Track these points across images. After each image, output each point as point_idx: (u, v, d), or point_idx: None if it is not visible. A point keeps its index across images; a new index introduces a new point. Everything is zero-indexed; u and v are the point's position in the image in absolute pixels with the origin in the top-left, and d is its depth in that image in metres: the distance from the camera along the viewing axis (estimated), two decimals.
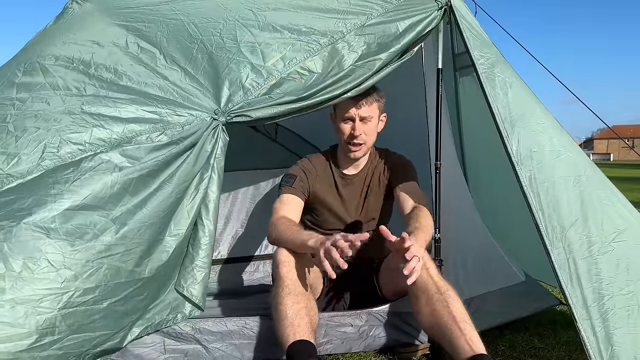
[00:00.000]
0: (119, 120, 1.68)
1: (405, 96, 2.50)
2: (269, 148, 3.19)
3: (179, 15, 1.98)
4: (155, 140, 1.66)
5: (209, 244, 1.76)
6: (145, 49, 1.89)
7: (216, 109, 1.75)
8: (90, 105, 1.72)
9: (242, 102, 1.75)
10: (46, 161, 1.58)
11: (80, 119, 1.68)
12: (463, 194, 2.34)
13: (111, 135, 1.65)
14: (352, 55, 1.84)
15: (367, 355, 1.99)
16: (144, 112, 1.71)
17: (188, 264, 1.74)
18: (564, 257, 1.60)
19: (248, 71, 1.80)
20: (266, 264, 3.10)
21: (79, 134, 1.64)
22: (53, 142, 1.62)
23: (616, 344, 1.51)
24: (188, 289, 1.72)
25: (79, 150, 1.62)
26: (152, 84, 1.79)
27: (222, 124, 1.75)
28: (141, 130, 1.67)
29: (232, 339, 1.82)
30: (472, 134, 2.84)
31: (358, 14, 1.91)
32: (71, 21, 2.13)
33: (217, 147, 1.77)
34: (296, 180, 2.09)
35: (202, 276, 1.73)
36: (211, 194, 1.76)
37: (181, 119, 1.71)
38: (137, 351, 1.71)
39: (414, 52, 1.94)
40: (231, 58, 1.83)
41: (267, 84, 1.77)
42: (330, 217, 2.16)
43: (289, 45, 1.84)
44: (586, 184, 1.73)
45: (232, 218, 3.08)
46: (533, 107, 1.84)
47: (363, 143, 2.05)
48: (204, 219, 1.76)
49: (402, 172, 2.12)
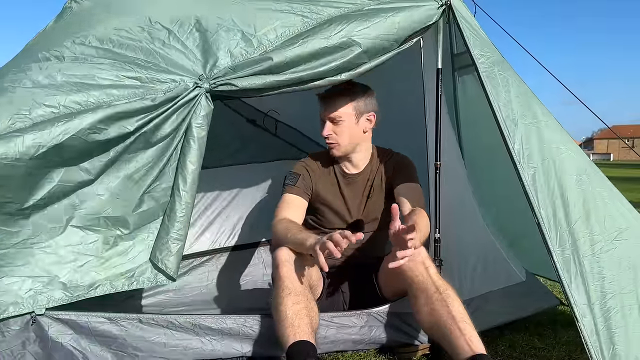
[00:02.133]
0: (97, 83, 1.63)
1: (405, 96, 2.50)
2: (268, 141, 3.22)
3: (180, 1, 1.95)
4: (131, 103, 1.61)
5: (185, 216, 1.71)
6: (130, 13, 1.84)
7: (200, 75, 1.68)
8: (68, 70, 1.67)
9: (228, 69, 1.69)
10: (17, 123, 1.52)
11: (56, 82, 1.63)
12: (464, 193, 2.34)
13: (88, 98, 1.60)
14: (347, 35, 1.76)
15: (367, 355, 1.99)
16: (124, 77, 1.66)
17: (163, 235, 1.71)
18: (566, 255, 1.59)
19: (238, 39, 1.74)
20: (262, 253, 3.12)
21: (53, 97, 1.59)
22: (25, 104, 1.56)
23: (618, 343, 1.50)
24: (163, 260, 1.69)
25: (52, 113, 1.56)
26: (134, 46, 1.73)
27: (205, 91, 1.68)
28: (119, 95, 1.62)
29: (231, 336, 1.82)
30: (471, 133, 2.83)
31: (355, 2, 1.87)
32: (70, 20, 2.13)
33: (199, 116, 1.69)
34: (299, 179, 2.09)
35: (177, 248, 1.69)
36: (190, 165, 1.70)
37: (163, 86, 1.65)
38: (136, 344, 1.71)
39: (413, 42, 1.91)
40: (221, 25, 1.77)
41: (257, 54, 1.71)
42: (332, 216, 2.16)
43: (284, 17, 1.78)
44: (587, 183, 1.72)
45: (233, 210, 3.12)
46: (534, 106, 1.84)
47: (335, 143, 2.06)
48: (181, 190, 1.70)
49: (403, 172, 2.12)
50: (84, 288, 1.64)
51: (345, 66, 1.78)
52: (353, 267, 2.14)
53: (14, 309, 1.57)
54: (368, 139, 2.14)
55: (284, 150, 3.23)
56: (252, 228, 3.13)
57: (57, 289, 1.62)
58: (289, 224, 1.94)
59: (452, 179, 2.22)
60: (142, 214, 1.72)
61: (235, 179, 3.08)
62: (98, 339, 1.69)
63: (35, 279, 1.60)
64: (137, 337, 1.72)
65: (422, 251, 1.83)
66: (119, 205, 1.70)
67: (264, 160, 3.19)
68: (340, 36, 1.74)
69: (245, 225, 3.13)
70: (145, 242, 1.74)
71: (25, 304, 1.58)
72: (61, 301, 1.62)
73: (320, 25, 1.76)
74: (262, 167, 3.17)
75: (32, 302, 1.59)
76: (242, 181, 3.13)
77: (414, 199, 2.01)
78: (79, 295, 1.63)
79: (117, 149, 1.65)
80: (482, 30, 1.99)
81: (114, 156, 1.66)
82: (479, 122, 2.48)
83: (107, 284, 1.67)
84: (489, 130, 1.90)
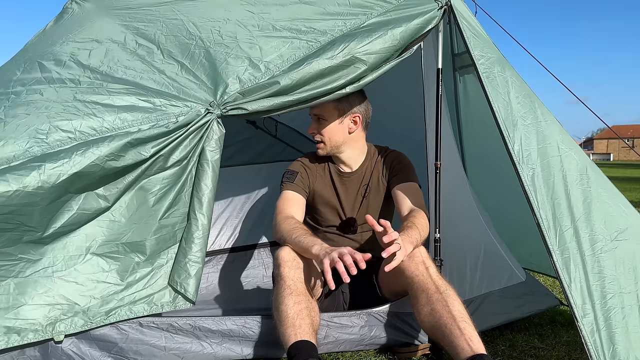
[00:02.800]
0: (111, 108, 1.66)
1: (405, 96, 2.50)
2: (268, 143, 3.22)
3: (179, 15, 1.99)
4: (146, 130, 1.64)
5: (202, 239, 1.73)
6: (142, 45, 1.89)
7: (211, 101, 1.72)
8: (84, 94, 1.71)
9: (237, 94, 1.73)
10: (34, 147, 1.55)
11: (72, 106, 1.66)
12: (464, 193, 2.34)
13: (102, 124, 1.63)
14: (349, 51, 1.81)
15: (367, 355, 1.99)
16: (138, 100, 1.70)
17: (181, 258, 1.72)
18: (566, 255, 1.60)
19: (246, 65, 1.78)
20: (263, 254, 3.12)
21: (69, 121, 1.62)
22: (42, 128, 1.59)
23: (618, 343, 1.50)
24: (181, 284, 1.70)
25: (69, 138, 1.59)
26: (147, 78, 1.78)
27: (216, 116, 1.73)
28: (133, 120, 1.65)
29: (232, 338, 1.82)
30: (471, 133, 2.84)
31: (358, 15, 1.91)
32: (71, 21, 2.13)
33: (212, 140, 1.73)
34: (297, 177, 2.10)
35: (195, 271, 1.72)
36: (204, 187, 1.73)
37: (175, 110, 1.69)
38: (136, 348, 1.71)
39: (413, 50, 1.93)
40: (229, 53, 1.82)
41: (265, 78, 1.76)
42: (328, 214, 2.17)
43: (288, 44, 1.84)
44: (587, 183, 1.72)
45: (232, 211, 3.12)
46: (534, 106, 1.84)
47: (321, 142, 2.10)
48: (197, 212, 1.73)
49: (401, 172, 2.12)
50: (103, 314, 1.65)
51: (349, 82, 1.83)
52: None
53: (34, 335, 1.57)
54: (357, 139, 2.14)
55: (284, 152, 3.24)
56: (252, 230, 3.13)
57: (77, 316, 1.63)
58: (295, 224, 1.94)
59: (452, 179, 2.22)
60: (159, 239, 1.74)
61: (235, 181, 3.09)
62: (98, 343, 1.68)
63: (55, 306, 1.61)
64: (137, 340, 1.71)
65: (422, 251, 1.83)
66: (137, 231, 1.71)
67: (264, 162, 3.20)
68: (344, 54, 1.78)
69: (245, 227, 3.13)
70: (164, 267, 1.75)
71: (45, 330, 1.59)
72: (81, 328, 1.62)
73: (324, 47, 1.81)
74: (262, 169, 3.18)
75: (52, 329, 1.59)
76: (242, 183, 3.13)
77: (413, 199, 2.01)
78: (98, 321, 1.64)
79: (134, 175, 1.68)
80: (483, 31, 1.99)
81: (130, 182, 1.68)
82: (479, 121, 2.49)
83: (126, 309, 1.68)
84: (489, 130, 1.90)
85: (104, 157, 1.56)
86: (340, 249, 1.68)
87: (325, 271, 1.65)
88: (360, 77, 1.83)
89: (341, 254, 1.65)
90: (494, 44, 1.98)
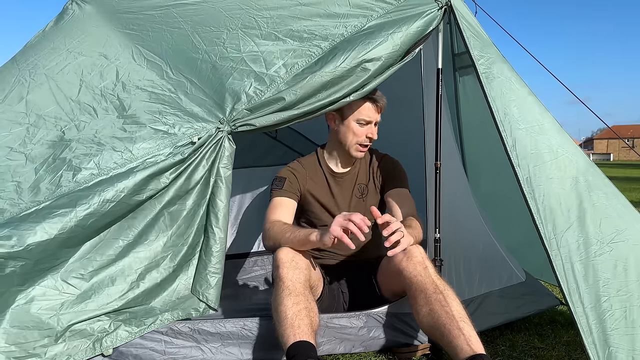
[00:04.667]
0: (128, 140, 1.77)
1: (404, 96, 2.50)
2: (269, 146, 3.21)
3: (182, 23, 2.02)
4: (164, 159, 1.73)
5: (220, 251, 1.83)
6: (151, 61, 1.97)
7: (221, 119, 1.80)
8: (102, 128, 1.81)
9: (245, 111, 1.80)
10: (62, 188, 1.69)
11: (93, 145, 1.78)
12: (464, 193, 2.34)
13: (122, 156, 1.74)
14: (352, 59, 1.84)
15: (367, 355, 1.99)
16: (152, 129, 1.80)
17: (202, 270, 1.82)
18: (562, 258, 1.60)
19: (252, 79, 1.84)
20: (264, 260, 3.11)
21: (90, 159, 1.73)
22: (68, 170, 1.71)
23: (613, 345, 1.50)
24: (203, 293, 1.81)
25: (92, 175, 1.71)
26: (160, 100, 1.86)
27: (227, 134, 1.80)
28: (150, 148, 1.76)
29: (231, 340, 1.82)
30: (471, 133, 2.84)
31: (358, 17, 1.92)
32: (72, 24, 2.13)
33: (223, 157, 1.81)
34: (285, 183, 2.10)
35: (216, 281, 1.82)
36: (219, 202, 1.82)
37: (188, 131, 1.78)
38: (136, 352, 1.71)
39: (415, 53, 1.94)
40: (234, 67, 1.88)
41: (270, 91, 1.81)
42: (324, 215, 2.17)
43: (291, 52, 1.87)
44: (585, 185, 1.72)
45: (232, 215, 3.11)
46: (532, 107, 1.84)
47: (369, 145, 2.12)
48: (214, 227, 1.82)
49: (395, 178, 2.16)
50: (144, 323, 1.72)
51: (353, 90, 1.86)
52: (352, 268, 2.14)
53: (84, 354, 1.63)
54: None
55: (285, 155, 3.22)
56: (253, 233, 3.12)
57: (120, 328, 1.69)
58: (283, 225, 1.95)
59: (452, 179, 2.22)
60: (185, 254, 1.84)
61: (235, 184, 3.07)
62: None
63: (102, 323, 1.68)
64: (137, 344, 1.71)
65: (420, 251, 1.84)
66: (172, 255, 1.82)
67: (264, 165, 3.18)
68: (347, 64, 1.82)
69: (246, 230, 3.12)
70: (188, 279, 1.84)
71: (96, 345, 1.65)
72: (126, 340, 1.69)
73: (326, 56, 1.85)
74: (263, 172, 3.16)
75: (100, 346, 1.65)
76: (243, 186, 3.12)
77: (406, 205, 2.06)
78: (141, 330, 1.71)
79: (162, 202, 1.78)
80: (483, 31, 1.99)
81: (159, 210, 1.78)
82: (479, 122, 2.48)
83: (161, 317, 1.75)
84: (489, 130, 1.90)
85: (128, 195, 1.68)
86: (337, 217, 1.74)
87: (340, 236, 1.70)
88: (364, 84, 1.86)
89: (349, 216, 1.70)
90: (494, 44, 1.98)
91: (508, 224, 2.66)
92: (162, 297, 1.78)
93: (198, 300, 1.80)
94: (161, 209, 1.78)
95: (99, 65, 1.97)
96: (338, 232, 1.70)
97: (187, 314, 1.78)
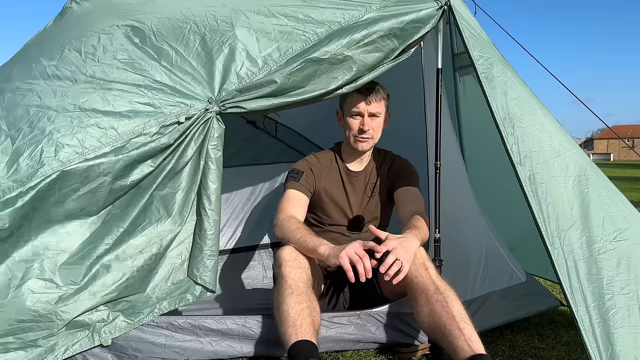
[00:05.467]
0: (112, 116, 1.68)
1: (405, 96, 2.50)
2: (268, 144, 3.21)
3: (176, 2, 1.97)
4: (150, 139, 1.67)
5: (214, 233, 1.79)
6: (136, 27, 1.88)
7: (210, 98, 1.73)
8: (83, 98, 1.71)
9: (235, 92, 1.74)
10: (45, 167, 1.59)
11: (74, 117, 1.67)
12: (465, 193, 2.34)
13: (106, 134, 1.65)
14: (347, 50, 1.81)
15: (367, 355, 1.99)
16: (137, 104, 1.71)
17: (197, 253, 1.78)
18: (565, 256, 1.60)
19: (244, 59, 1.77)
20: (263, 255, 3.11)
21: (73, 135, 1.64)
22: (49, 145, 1.61)
23: (617, 344, 1.50)
24: (201, 277, 1.77)
25: (76, 153, 1.62)
26: (142, 68, 1.77)
27: (215, 114, 1.74)
28: (136, 127, 1.67)
29: (232, 337, 1.82)
30: (471, 133, 2.83)
31: (356, 6, 1.89)
32: (70, 21, 2.13)
33: (213, 137, 1.75)
34: (302, 177, 2.10)
35: (212, 264, 1.78)
36: (211, 184, 1.77)
37: (175, 109, 1.71)
38: (136, 345, 1.71)
39: (411, 52, 1.93)
40: (225, 42, 1.80)
41: (262, 74, 1.75)
42: (335, 212, 2.18)
43: (286, 34, 1.82)
44: (586, 183, 1.72)
45: (232, 212, 3.11)
46: (533, 106, 1.84)
47: (370, 137, 2.10)
48: (207, 209, 1.78)
49: (405, 177, 2.16)
50: (142, 312, 1.70)
51: (346, 82, 1.84)
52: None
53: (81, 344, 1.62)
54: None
55: (284, 153, 3.23)
56: (252, 230, 3.13)
57: (118, 319, 1.67)
58: (298, 224, 1.94)
59: (453, 179, 2.22)
60: (178, 238, 1.80)
61: (235, 182, 3.08)
62: None
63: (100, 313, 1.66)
64: (137, 338, 1.72)
65: (421, 252, 1.84)
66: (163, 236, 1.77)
67: (264, 163, 3.19)
68: (340, 52, 1.79)
69: (246, 228, 3.13)
70: (184, 263, 1.80)
71: (94, 336, 1.64)
72: (124, 330, 1.67)
73: (320, 42, 1.80)
74: (262, 170, 3.17)
75: (98, 336, 1.64)
76: (242, 184, 3.13)
77: (415, 204, 2.06)
78: (139, 320, 1.69)
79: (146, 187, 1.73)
80: (482, 31, 1.99)
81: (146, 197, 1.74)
82: (479, 121, 2.48)
83: (159, 305, 1.73)
84: (489, 130, 1.90)
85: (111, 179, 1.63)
86: (352, 245, 1.72)
87: (347, 269, 1.68)
88: (356, 77, 1.84)
89: (358, 253, 1.69)
90: (494, 44, 1.98)
91: (508, 223, 2.66)
92: (157, 283, 1.74)
93: (194, 284, 1.76)
94: (152, 193, 1.73)
95: (84, 36, 1.90)
96: (345, 265, 1.69)
97: (184, 300, 1.74)
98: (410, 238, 1.80)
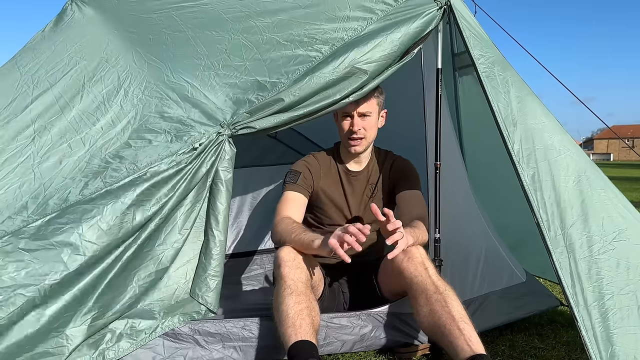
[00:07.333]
0: (133, 156, 1.75)
1: (405, 96, 2.50)
2: (269, 145, 3.21)
3: (182, 27, 2.02)
4: (166, 168, 1.72)
5: (220, 254, 1.81)
6: (151, 64, 1.96)
7: (222, 122, 1.79)
8: (105, 139, 1.80)
9: (245, 115, 1.80)
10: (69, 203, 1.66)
11: (96, 155, 1.76)
12: (464, 193, 2.34)
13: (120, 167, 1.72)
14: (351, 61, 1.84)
15: (367, 355, 1.99)
16: (155, 139, 1.79)
17: (201, 272, 1.80)
18: (565, 256, 1.60)
19: (255, 88, 1.84)
20: (264, 259, 3.11)
21: (94, 179, 1.70)
22: (75, 185, 1.69)
23: (616, 344, 1.50)
24: (202, 296, 1.78)
25: (96, 188, 1.68)
26: (158, 103, 1.86)
27: (227, 137, 1.80)
28: (153, 159, 1.73)
29: (231, 340, 1.81)
30: (471, 132, 2.83)
31: (358, 19, 1.91)
32: (73, 28, 2.13)
33: (224, 160, 1.81)
34: (300, 177, 2.10)
35: (215, 284, 1.80)
36: (220, 205, 1.81)
37: (190, 139, 1.77)
38: (135, 353, 1.70)
39: (414, 53, 1.94)
40: (238, 76, 1.88)
41: (271, 97, 1.81)
42: (334, 212, 2.17)
43: (292, 59, 1.87)
44: (587, 183, 1.72)
45: (231, 214, 3.10)
46: (534, 106, 1.84)
47: (362, 137, 2.08)
48: (214, 229, 1.81)
49: (407, 179, 2.15)
50: (144, 332, 1.71)
51: (352, 91, 1.86)
52: (353, 268, 2.14)
53: None
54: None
55: (285, 155, 3.23)
56: (253, 233, 3.12)
57: (122, 340, 1.67)
58: (292, 224, 1.94)
59: (452, 179, 2.22)
60: (183, 257, 1.81)
61: (235, 184, 3.07)
62: None
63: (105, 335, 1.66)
64: None
65: (421, 252, 1.84)
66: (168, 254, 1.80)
67: (264, 164, 3.18)
68: (345, 65, 1.82)
69: (247, 231, 3.12)
70: (187, 282, 1.81)
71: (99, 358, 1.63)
72: (128, 350, 1.67)
73: (325, 60, 1.84)
74: (263, 171, 3.16)
75: (103, 358, 1.63)
76: (242, 186, 3.12)
77: (417, 207, 2.05)
78: (142, 339, 1.70)
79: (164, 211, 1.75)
80: (482, 31, 1.99)
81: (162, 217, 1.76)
82: (479, 121, 2.48)
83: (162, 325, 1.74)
84: (489, 130, 1.90)
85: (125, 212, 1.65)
86: (346, 226, 1.70)
87: (336, 248, 1.67)
88: (363, 85, 1.87)
89: (345, 228, 1.68)
90: (494, 44, 1.98)
91: (508, 223, 2.66)
92: (161, 301, 1.75)
93: (198, 304, 1.78)
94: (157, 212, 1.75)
95: (101, 70, 1.96)
96: (334, 244, 1.68)
97: (187, 318, 1.76)
98: (408, 230, 1.81)
